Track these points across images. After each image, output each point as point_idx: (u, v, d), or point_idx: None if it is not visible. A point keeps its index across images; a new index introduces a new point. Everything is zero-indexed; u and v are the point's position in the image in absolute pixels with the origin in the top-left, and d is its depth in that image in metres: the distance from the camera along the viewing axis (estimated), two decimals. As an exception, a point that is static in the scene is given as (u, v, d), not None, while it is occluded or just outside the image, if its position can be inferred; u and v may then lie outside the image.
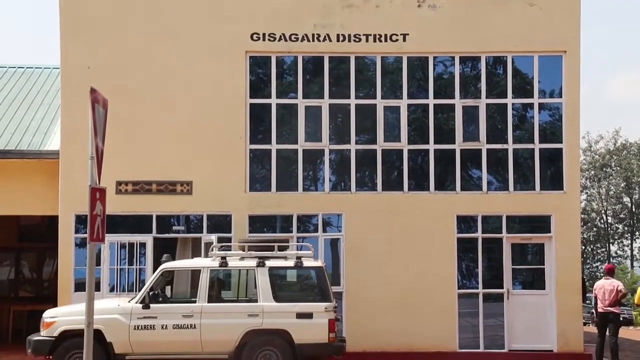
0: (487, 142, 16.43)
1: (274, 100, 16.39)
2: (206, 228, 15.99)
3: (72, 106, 15.67)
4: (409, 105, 16.50)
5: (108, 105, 8.40)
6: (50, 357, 12.86)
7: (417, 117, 16.61)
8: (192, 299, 13.12)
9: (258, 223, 16.14)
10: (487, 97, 16.49)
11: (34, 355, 13.16)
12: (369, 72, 16.62)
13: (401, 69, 16.50)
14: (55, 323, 12.82)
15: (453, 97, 16.50)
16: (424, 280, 15.95)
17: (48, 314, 13.11)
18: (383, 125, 16.39)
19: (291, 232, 16.03)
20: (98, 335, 12.19)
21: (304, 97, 16.41)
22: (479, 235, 16.26)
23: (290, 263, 13.28)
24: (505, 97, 16.54)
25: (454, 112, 16.47)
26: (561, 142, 16.43)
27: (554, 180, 16.46)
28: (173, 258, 14.82)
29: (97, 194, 8.03)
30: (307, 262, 13.29)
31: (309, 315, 12.78)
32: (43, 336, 12.85)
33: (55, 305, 14.92)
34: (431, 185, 16.36)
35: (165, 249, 15.46)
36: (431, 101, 16.50)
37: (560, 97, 16.52)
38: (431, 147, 16.42)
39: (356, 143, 16.41)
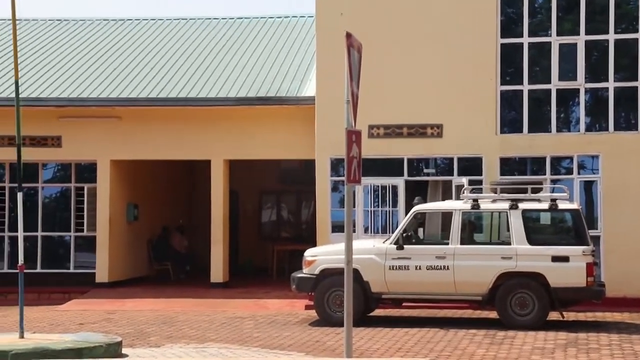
0: None
1: (525, 40, 15.94)
2: (456, 171, 16.00)
3: (327, 52, 16.16)
4: (675, 38, 15.43)
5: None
6: (312, 293, 13.58)
7: (684, 50, 15.50)
8: (444, 241, 13.24)
9: (507, 166, 15.90)
10: None
11: (297, 291, 13.96)
12: (629, 4, 15.67)
13: (666, -2, 15.42)
14: (316, 262, 13.46)
15: None
16: (691, 224, 14.99)
17: (309, 253, 13.79)
18: (645, 61, 15.47)
19: (541, 174, 15.63)
20: (355, 274, 12.59)
21: (557, 35, 15.81)
22: None
23: (545, 205, 13.00)
24: None
25: None
26: None
27: None
28: (424, 200, 15.00)
29: (354, 137, 8.27)
30: (562, 205, 12.95)
31: (565, 259, 12.49)
32: (305, 274, 13.56)
33: (314, 245, 15.66)
34: (699, 123, 15.28)
35: (416, 191, 15.67)
36: (701, 33, 15.31)
37: None
38: (701, 82, 15.30)
39: (614, 81, 15.62)
